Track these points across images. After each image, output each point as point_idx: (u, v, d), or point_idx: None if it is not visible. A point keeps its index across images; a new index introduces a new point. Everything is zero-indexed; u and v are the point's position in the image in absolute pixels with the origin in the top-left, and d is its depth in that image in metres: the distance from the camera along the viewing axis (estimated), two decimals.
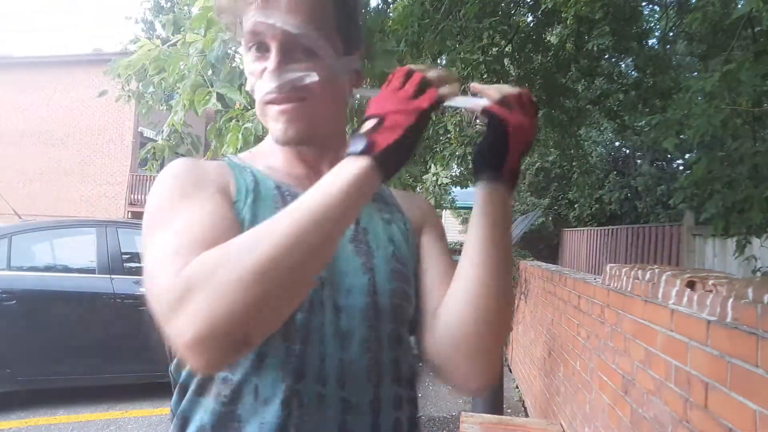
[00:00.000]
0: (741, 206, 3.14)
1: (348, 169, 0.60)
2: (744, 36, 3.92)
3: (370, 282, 0.75)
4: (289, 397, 0.68)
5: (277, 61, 0.72)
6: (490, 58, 5.90)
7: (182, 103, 2.48)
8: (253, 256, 0.55)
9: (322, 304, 0.71)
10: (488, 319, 0.72)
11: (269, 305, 0.55)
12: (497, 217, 0.72)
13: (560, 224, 14.04)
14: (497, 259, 0.72)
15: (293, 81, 0.73)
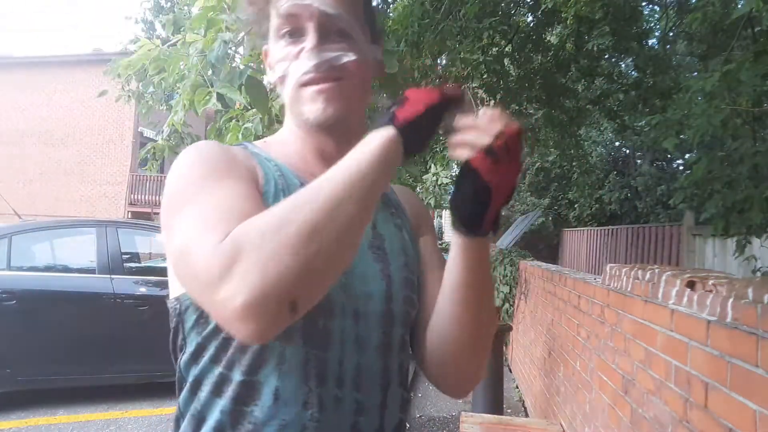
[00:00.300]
0: (741, 206, 3.14)
1: (374, 139, 0.64)
2: (744, 36, 3.93)
3: (387, 289, 0.77)
4: (309, 400, 0.69)
5: (315, 40, 0.73)
6: (490, 58, 5.90)
7: (182, 103, 2.48)
8: (299, 220, 0.55)
9: (344, 309, 0.73)
10: (466, 350, 0.76)
11: (317, 269, 0.56)
12: (474, 264, 0.72)
13: (560, 224, 14.04)
14: (474, 300, 0.74)
15: (331, 60, 0.73)
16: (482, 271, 0.73)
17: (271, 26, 0.78)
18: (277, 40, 0.77)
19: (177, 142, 3.71)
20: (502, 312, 6.48)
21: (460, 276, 0.73)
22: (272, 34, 0.78)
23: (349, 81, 0.75)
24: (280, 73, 0.77)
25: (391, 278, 0.78)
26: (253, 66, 2.43)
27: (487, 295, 0.76)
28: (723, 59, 3.34)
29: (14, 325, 4.36)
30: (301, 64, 0.73)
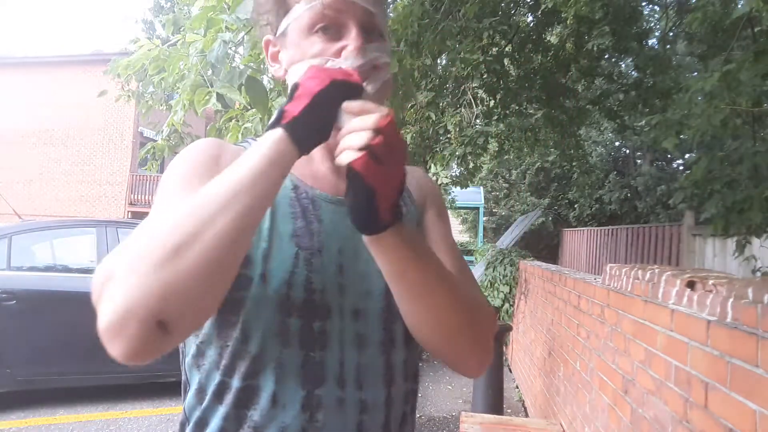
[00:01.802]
0: (741, 206, 3.14)
1: (262, 143, 0.61)
2: (744, 36, 3.93)
3: (386, 285, 0.74)
4: (308, 402, 0.70)
5: (361, 38, 0.72)
6: (490, 58, 5.90)
7: (182, 103, 2.48)
8: (168, 238, 0.55)
9: (341, 310, 0.73)
10: (434, 337, 0.73)
11: (185, 287, 0.54)
12: (390, 257, 0.67)
13: (560, 224, 14.05)
14: (409, 293, 0.69)
15: (373, 60, 0.73)
16: (403, 262, 0.67)
17: (300, 20, 0.75)
18: (308, 34, 0.74)
19: (177, 142, 3.70)
20: (501, 312, 6.49)
21: (385, 272, 0.69)
22: (300, 28, 0.75)
23: (381, 79, 0.75)
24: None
25: None
26: (253, 66, 2.43)
27: (426, 283, 0.69)
28: (723, 59, 3.34)
29: (14, 325, 4.36)
30: (345, 62, 0.71)
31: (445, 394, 5.11)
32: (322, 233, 0.75)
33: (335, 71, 0.64)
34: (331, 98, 0.62)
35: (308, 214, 0.76)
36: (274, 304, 0.70)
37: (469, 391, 5.05)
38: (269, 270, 0.71)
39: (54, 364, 4.47)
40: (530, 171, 14.16)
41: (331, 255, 0.74)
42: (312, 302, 0.71)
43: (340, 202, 0.77)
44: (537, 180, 14.41)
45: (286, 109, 0.62)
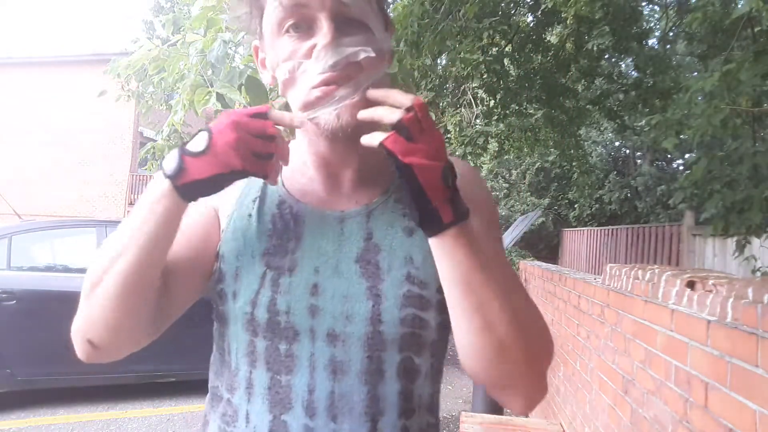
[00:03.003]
0: (741, 206, 3.14)
1: (152, 190, 0.63)
2: (744, 36, 3.92)
3: (374, 309, 0.67)
4: (276, 428, 0.67)
5: (331, 33, 0.64)
6: (490, 58, 5.91)
7: (182, 103, 2.48)
8: (89, 274, 0.65)
9: (312, 332, 0.67)
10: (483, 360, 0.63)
11: (100, 314, 0.64)
12: (454, 262, 0.61)
13: (560, 224, 14.05)
14: (466, 304, 0.61)
15: (349, 57, 0.64)
16: (467, 269, 0.60)
17: (269, 19, 0.68)
18: (278, 35, 0.68)
19: (177, 142, 3.70)
20: None
21: (444, 278, 0.62)
22: (271, 28, 0.69)
23: (368, 79, 0.65)
24: (286, 75, 0.68)
25: (381, 297, 0.68)
26: (253, 66, 2.43)
27: (489, 296, 0.61)
28: (723, 59, 3.34)
29: (14, 325, 4.36)
30: (315, 63, 0.64)
31: (444, 394, 5.11)
32: (297, 251, 0.70)
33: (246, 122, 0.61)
34: (243, 175, 0.63)
35: (288, 231, 0.72)
36: (242, 322, 0.69)
37: (469, 391, 5.05)
38: (238, 289, 0.70)
39: (54, 364, 4.46)
40: (530, 171, 14.16)
41: (305, 275, 0.69)
42: (276, 324, 0.67)
43: (326, 216, 0.72)
44: (537, 180, 14.41)
45: (189, 166, 0.61)
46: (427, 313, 0.69)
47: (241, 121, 0.61)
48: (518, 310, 0.63)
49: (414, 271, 0.69)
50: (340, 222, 0.72)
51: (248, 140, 0.61)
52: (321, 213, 0.73)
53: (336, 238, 0.71)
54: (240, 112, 0.62)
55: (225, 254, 0.73)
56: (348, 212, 0.73)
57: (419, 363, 0.70)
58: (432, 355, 0.72)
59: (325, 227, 0.72)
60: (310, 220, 0.72)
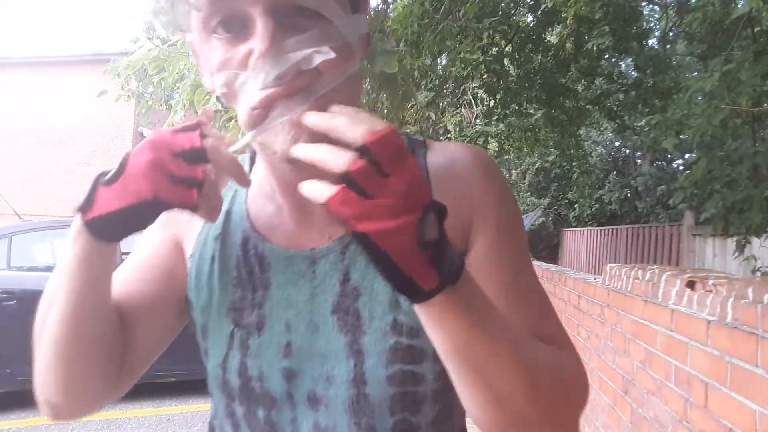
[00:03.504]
0: (741, 206, 3.14)
1: (72, 228, 0.52)
2: (744, 36, 3.92)
3: (357, 368, 0.57)
4: None
5: (269, 35, 0.48)
6: (490, 58, 5.91)
7: (182, 102, 2.48)
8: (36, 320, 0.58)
9: (290, 397, 0.59)
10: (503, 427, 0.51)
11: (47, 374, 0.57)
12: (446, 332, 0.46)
13: (560, 224, 14.05)
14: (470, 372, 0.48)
15: (300, 64, 0.48)
16: (462, 338, 0.46)
17: (192, 14, 0.53)
18: (206, 35, 0.53)
19: None
20: None
21: (438, 348, 0.49)
22: (196, 27, 0.53)
23: (326, 86, 0.50)
24: (222, 89, 0.53)
25: (364, 353, 0.57)
26: None
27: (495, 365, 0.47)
28: (723, 59, 3.34)
29: (14, 325, 4.36)
30: (254, 77, 0.49)
31: None
32: (265, 304, 0.60)
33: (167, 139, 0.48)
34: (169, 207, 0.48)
35: (254, 278, 0.61)
36: (216, 383, 0.62)
37: None
38: (207, 347, 0.63)
39: None
40: (530, 171, 14.16)
41: (276, 332, 0.59)
42: (251, 390, 0.59)
43: (294, 257, 0.60)
44: (537, 180, 14.41)
45: (98, 197, 0.49)
46: (420, 366, 0.57)
47: (162, 138, 0.48)
48: (540, 371, 0.50)
49: (402, 317, 0.57)
50: (311, 264, 0.59)
51: (166, 161, 0.47)
52: (288, 255, 0.60)
53: (308, 286, 0.59)
54: (168, 129, 0.50)
55: (192, 303, 0.64)
56: (319, 250, 0.60)
57: (417, 422, 0.59)
58: (436, 405, 0.60)
59: (294, 272, 0.60)
60: (276, 264, 0.60)
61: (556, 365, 0.54)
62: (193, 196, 0.48)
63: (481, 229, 0.58)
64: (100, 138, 16.46)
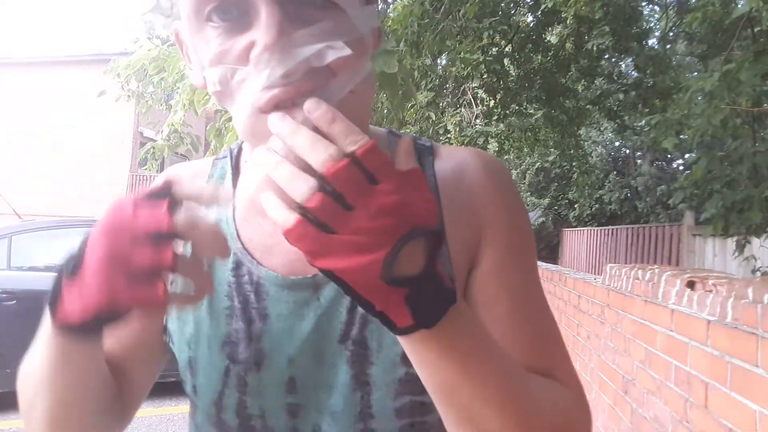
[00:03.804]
0: (741, 206, 3.14)
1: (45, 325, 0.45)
2: (744, 36, 3.93)
3: (363, 402, 0.53)
4: None
5: (276, 26, 0.41)
6: (490, 58, 5.92)
7: (182, 102, 2.48)
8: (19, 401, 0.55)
9: (297, 431, 0.55)
10: None
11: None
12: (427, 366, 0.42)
13: (560, 224, 14.05)
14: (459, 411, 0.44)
15: (310, 60, 0.42)
16: (441, 376, 0.42)
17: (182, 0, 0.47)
18: (198, 23, 0.46)
19: (177, 142, 3.70)
20: None
21: (425, 383, 0.45)
22: (188, 13, 0.46)
23: (342, 90, 0.44)
24: (216, 87, 0.46)
25: (371, 385, 0.53)
26: None
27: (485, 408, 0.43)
28: (723, 59, 3.34)
29: (14, 325, 4.36)
30: (256, 73, 0.42)
31: None
32: (264, 337, 0.54)
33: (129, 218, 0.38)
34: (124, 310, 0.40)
35: (249, 308, 0.54)
36: (209, 423, 0.56)
37: None
38: (197, 384, 0.56)
39: None
40: (530, 171, 14.16)
41: (278, 368, 0.53)
42: (251, 428, 0.55)
43: (296, 285, 0.53)
44: (537, 180, 14.41)
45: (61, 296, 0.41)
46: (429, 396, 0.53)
47: (120, 220, 0.39)
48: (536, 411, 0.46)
49: None
50: (314, 291, 0.53)
51: (124, 253, 0.38)
52: (289, 283, 0.54)
53: (312, 315, 0.53)
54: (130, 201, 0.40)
55: (172, 335, 0.57)
56: (323, 276, 0.49)
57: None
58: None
59: (296, 302, 0.53)
60: (276, 293, 0.54)
61: (554, 404, 0.49)
62: (156, 295, 0.38)
63: (490, 246, 0.54)
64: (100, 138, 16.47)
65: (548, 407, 0.48)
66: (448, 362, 0.41)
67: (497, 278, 0.53)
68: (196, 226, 0.39)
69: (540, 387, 0.49)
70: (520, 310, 0.53)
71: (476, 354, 0.42)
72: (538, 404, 0.47)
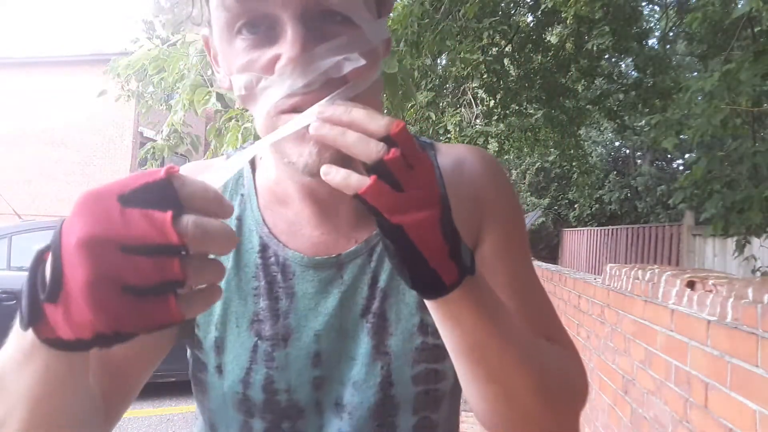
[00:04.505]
0: (741, 206, 3.14)
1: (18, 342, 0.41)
2: (744, 36, 3.93)
3: (383, 371, 0.57)
4: None
5: (300, 42, 0.46)
6: (490, 58, 5.92)
7: (182, 102, 2.48)
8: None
9: (319, 405, 0.58)
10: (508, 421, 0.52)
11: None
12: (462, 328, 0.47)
13: (560, 224, 14.05)
14: (481, 369, 0.49)
15: (329, 72, 0.47)
16: (478, 334, 0.47)
17: (217, 15, 0.50)
18: (229, 36, 0.50)
19: (177, 142, 3.71)
20: None
21: (450, 346, 0.49)
22: (219, 25, 0.51)
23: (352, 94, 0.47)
24: (242, 91, 0.50)
25: (391, 355, 0.58)
26: None
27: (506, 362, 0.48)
28: (723, 59, 3.34)
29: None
30: (280, 82, 0.47)
31: None
32: (291, 314, 0.57)
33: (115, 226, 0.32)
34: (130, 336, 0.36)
35: (275, 288, 0.58)
36: (232, 402, 0.58)
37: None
38: (224, 363, 0.58)
39: None
40: (530, 171, 14.16)
41: (304, 343, 0.57)
42: (276, 403, 0.57)
43: (321, 265, 0.58)
44: (537, 180, 14.41)
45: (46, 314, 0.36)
46: (442, 364, 0.59)
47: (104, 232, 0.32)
48: (547, 369, 0.52)
49: (428, 317, 0.56)
50: (338, 269, 0.58)
51: (118, 272, 0.32)
52: (312, 260, 0.58)
53: (337, 291, 0.58)
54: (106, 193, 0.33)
55: (199, 319, 0.59)
56: (346, 254, 0.59)
57: (436, 419, 0.60)
58: (450, 401, 0.63)
59: (322, 280, 0.58)
60: (302, 272, 0.58)
61: (561, 364, 0.55)
62: (168, 312, 0.33)
63: (489, 229, 0.60)
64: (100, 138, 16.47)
65: (557, 367, 0.54)
66: (481, 319, 0.46)
67: (499, 256, 0.59)
68: (207, 232, 0.33)
69: (549, 349, 0.56)
70: (519, 284, 0.59)
71: (500, 312, 0.48)
72: (549, 363, 0.53)
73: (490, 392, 0.50)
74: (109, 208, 0.32)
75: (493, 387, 0.50)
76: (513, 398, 0.50)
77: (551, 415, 0.52)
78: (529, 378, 0.49)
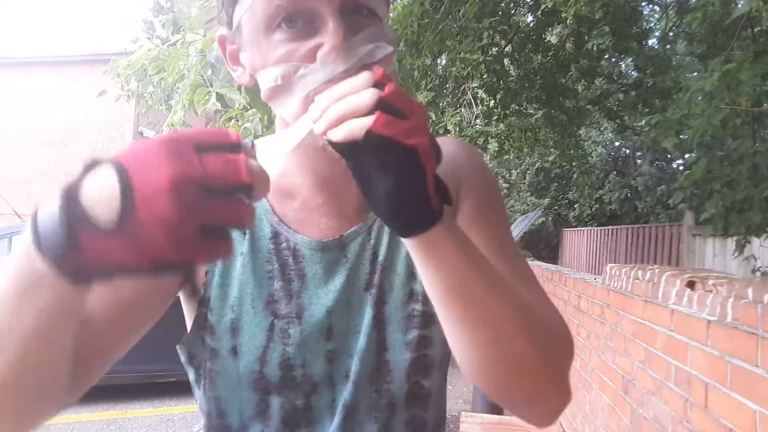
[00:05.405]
0: (741, 206, 3.14)
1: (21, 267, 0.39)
2: (744, 36, 3.93)
3: (380, 337, 0.62)
4: None
5: (342, 32, 0.51)
6: (490, 58, 5.92)
7: (182, 102, 2.48)
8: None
9: (332, 378, 0.62)
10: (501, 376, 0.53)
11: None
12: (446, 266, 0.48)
13: (560, 224, 14.05)
14: (467, 312, 0.50)
15: (364, 58, 0.52)
16: (461, 272, 0.49)
17: (256, 12, 0.54)
18: (267, 31, 0.54)
19: None
20: None
21: (435, 290, 0.50)
22: (257, 23, 0.55)
23: None
24: (278, 81, 0.54)
25: (385, 322, 0.62)
26: None
27: (490, 303, 0.50)
28: (723, 59, 3.34)
29: None
30: (322, 69, 0.52)
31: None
32: (303, 293, 0.62)
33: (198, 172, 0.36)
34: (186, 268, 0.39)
35: (287, 270, 0.63)
36: (248, 381, 0.61)
37: (469, 391, 5.05)
38: (239, 344, 0.61)
39: None
40: (530, 171, 14.16)
41: (317, 319, 0.62)
42: (291, 379, 0.61)
43: (327, 247, 0.63)
44: (537, 180, 14.41)
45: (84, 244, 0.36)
46: (430, 330, 0.63)
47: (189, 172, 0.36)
48: (532, 312, 0.53)
49: (417, 286, 0.63)
50: (342, 249, 0.64)
51: (199, 208, 0.36)
52: (320, 243, 0.63)
53: (343, 270, 0.63)
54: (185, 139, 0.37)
55: (212, 302, 0.62)
56: (348, 234, 0.64)
57: (429, 387, 0.65)
58: (440, 372, 0.66)
59: (329, 260, 0.63)
60: (311, 255, 0.63)
61: (544, 312, 0.57)
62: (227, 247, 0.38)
63: (466, 196, 0.64)
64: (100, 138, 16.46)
65: (541, 313, 0.56)
66: (462, 258, 0.48)
67: (477, 220, 0.63)
68: (261, 176, 0.39)
69: (530, 298, 0.56)
70: (495, 247, 0.61)
71: (482, 257, 0.51)
72: (534, 309, 0.54)
73: (477, 336, 0.51)
74: (189, 157, 0.36)
75: (479, 330, 0.51)
76: (500, 340, 0.51)
77: (539, 360, 0.52)
78: (516, 319, 0.51)
